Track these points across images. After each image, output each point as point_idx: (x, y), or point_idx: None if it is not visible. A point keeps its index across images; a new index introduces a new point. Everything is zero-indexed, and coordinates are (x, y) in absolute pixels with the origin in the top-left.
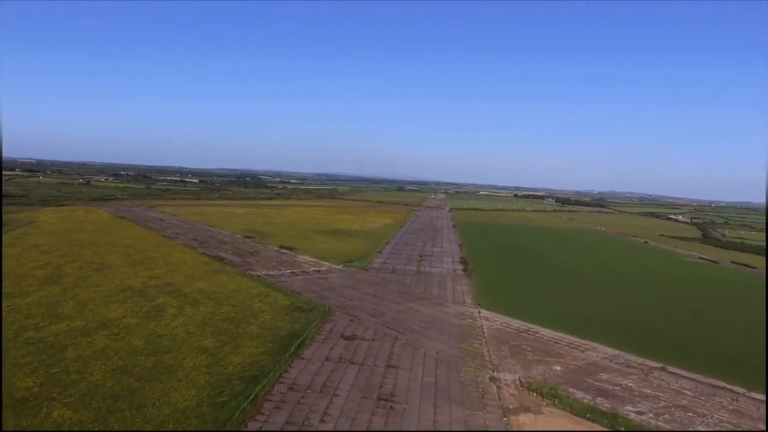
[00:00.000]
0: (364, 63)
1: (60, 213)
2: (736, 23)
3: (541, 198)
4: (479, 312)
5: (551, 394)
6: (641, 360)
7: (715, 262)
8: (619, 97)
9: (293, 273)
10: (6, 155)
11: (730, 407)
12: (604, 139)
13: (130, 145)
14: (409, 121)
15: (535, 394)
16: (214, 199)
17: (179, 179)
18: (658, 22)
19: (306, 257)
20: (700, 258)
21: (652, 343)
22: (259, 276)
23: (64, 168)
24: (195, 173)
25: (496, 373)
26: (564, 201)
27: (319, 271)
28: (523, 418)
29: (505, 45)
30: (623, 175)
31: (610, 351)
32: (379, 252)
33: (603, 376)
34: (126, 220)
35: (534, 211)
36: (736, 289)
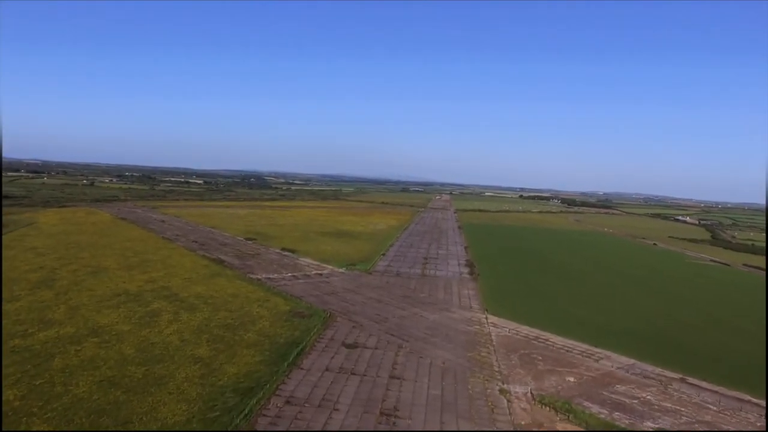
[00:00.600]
0: (365, 63)
1: (61, 214)
2: (736, 23)
3: (547, 199)
4: (486, 318)
5: (565, 409)
6: (659, 370)
7: (727, 265)
8: (621, 97)
9: (294, 276)
10: (12, 156)
11: (758, 423)
12: (607, 139)
13: (135, 146)
14: (413, 121)
15: (548, 409)
16: (218, 200)
17: (183, 180)
18: (658, 22)
19: (308, 260)
20: (712, 260)
21: (669, 351)
22: (259, 279)
23: (69, 169)
24: (200, 174)
25: (506, 385)
26: (570, 202)
27: (321, 274)
28: None
29: (505, 45)
30: (627, 175)
31: (625, 360)
32: (383, 254)
33: (619, 388)
34: (127, 221)
35: (540, 212)
36: (751, 293)
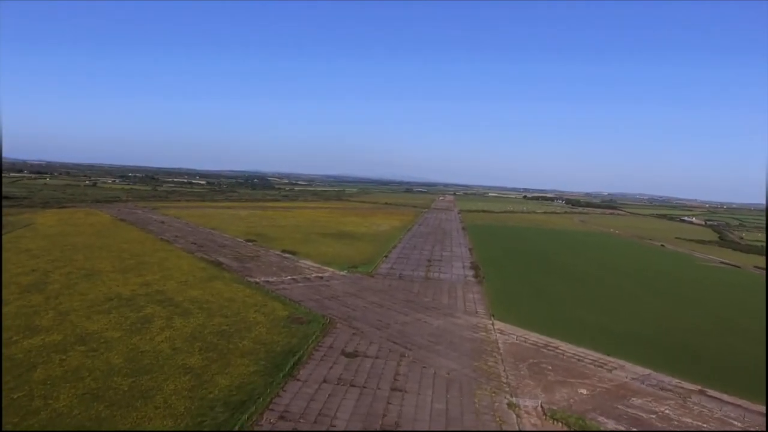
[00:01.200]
0: (366, 63)
1: (60, 215)
2: (736, 23)
3: (551, 200)
4: (493, 324)
5: (579, 425)
6: (676, 381)
7: (738, 267)
8: (624, 97)
9: (294, 280)
10: (16, 157)
11: None
12: (610, 139)
13: (140, 147)
14: (416, 122)
15: (560, 424)
16: (220, 200)
17: (186, 181)
18: (658, 22)
19: (309, 262)
20: (722, 262)
21: (685, 359)
22: (257, 283)
23: (72, 170)
24: (203, 175)
25: (514, 399)
26: (574, 203)
27: (321, 277)
28: None
29: (507, 45)
30: (630, 176)
31: (639, 370)
32: (386, 256)
33: (635, 401)
34: (126, 222)
35: (545, 213)
36: (765, 296)
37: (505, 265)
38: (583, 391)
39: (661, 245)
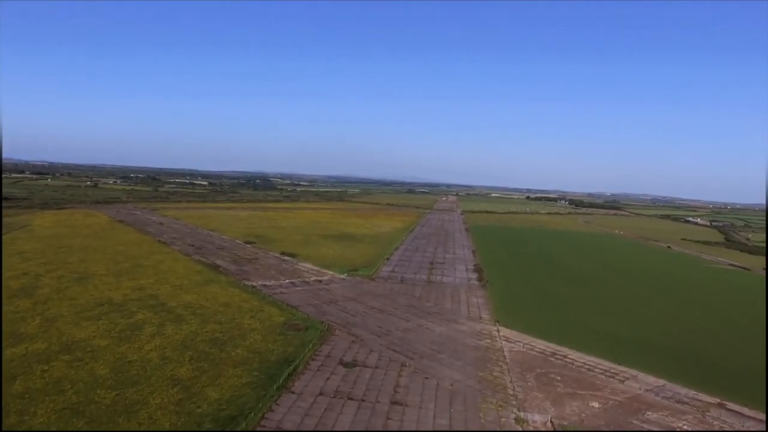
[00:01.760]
0: (367, 63)
1: (57, 216)
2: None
3: (554, 200)
4: (498, 330)
5: None
6: (692, 393)
7: (747, 269)
8: (626, 98)
9: (292, 283)
10: (18, 158)
11: None
12: (612, 140)
13: (142, 148)
14: (418, 122)
15: None
16: (221, 201)
17: (188, 182)
18: (658, 21)
19: (308, 265)
20: (730, 265)
21: (701, 370)
22: (254, 287)
23: (75, 170)
24: (206, 176)
25: (522, 413)
26: (577, 203)
27: (320, 281)
28: None
29: (508, 45)
30: (632, 176)
31: (653, 381)
32: (387, 259)
33: (651, 415)
34: (124, 224)
35: (548, 213)
36: (765, 297)
37: (510, 267)
38: (595, 405)
39: (668, 247)
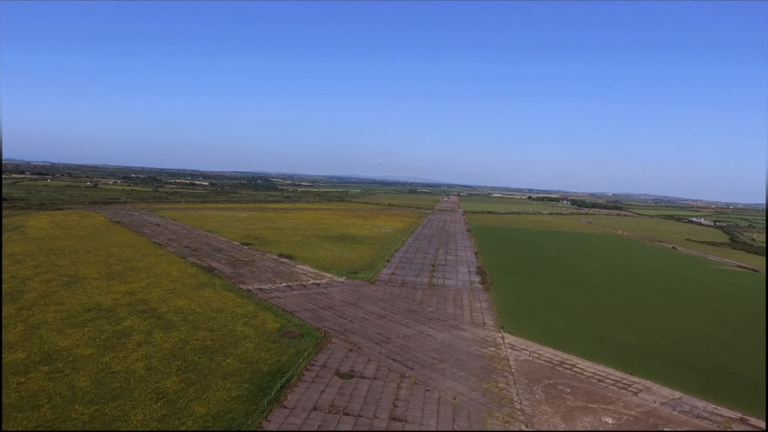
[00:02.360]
0: (368, 63)
1: (53, 217)
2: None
3: (556, 200)
4: (502, 337)
5: None
6: (711, 406)
7: (756, 271)
8: (626, 98)
9: (289, 287)
10: (20, 158)
11: None
12: (613, 140)
13: (145, 149)
14: (421, 122)
15: None
16: (221, 202)
17: (189, 182)
18: (659, 22)
19: (306, 267)
20: (738, 266)
21: (719, 380)
22: (249, 291)
23: (76, 171)
24: (207, 176)
25: (530, 430)
26: (579, 203)
27: (318, 284)
28: None
29: (510, 45)
30: (633, 176)
31: (668, 393)
32: (388, 261)
33: None
34: (120, 225)
35: (550, 214)
36: (765, 297)
37: (513, 269)
38: (609, 420)
39: (673, 247)
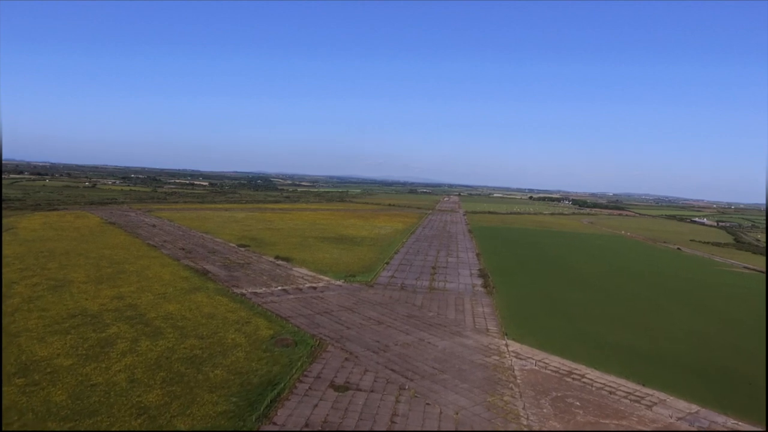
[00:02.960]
0: (368, 63)
1: (47, 218)
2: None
3: (557, 200)
4: (507, 345)
5: None
6: (732, 422)
7: (763, 272)
8: (627, 98)
9: (284, 291)
10: (20, 158)
11: None
12: (614, 140)
13: (145, 149)
14: (421, 122)
15: None
16: (219, 202)
17: (188, 182)
18: (659, 22)
19: (303, 270)
20: (745, 268)
21: (738, 393)
22: (243, 295)
23: (75, 171)
24: (207, 176)
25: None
26: (581, 203)
27: (315, 287)
28: None
29: (510, 45)
30: (634, 176)
31: (684, 406)
32: (387, 263)
33: None
34: (115, 226)
35: (552, 214)
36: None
37: (516, 272)
38: None
39: (677, 248)
